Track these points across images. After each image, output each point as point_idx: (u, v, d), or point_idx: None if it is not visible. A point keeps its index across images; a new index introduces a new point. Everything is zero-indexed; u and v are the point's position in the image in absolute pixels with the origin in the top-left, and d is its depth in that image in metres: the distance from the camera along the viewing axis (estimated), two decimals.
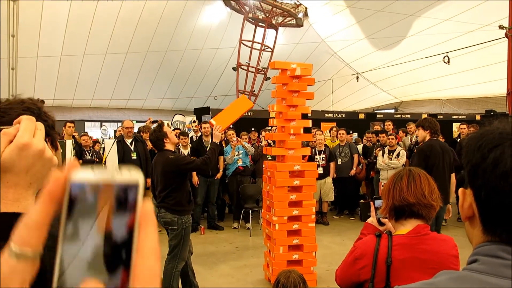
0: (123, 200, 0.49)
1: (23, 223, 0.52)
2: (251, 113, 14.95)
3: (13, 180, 0.82)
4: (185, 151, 9.36)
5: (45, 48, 19.66)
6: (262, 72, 23.94)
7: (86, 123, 22.82)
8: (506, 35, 13.75)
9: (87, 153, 9.72)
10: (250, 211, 9.24)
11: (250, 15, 23.84)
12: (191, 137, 12.26)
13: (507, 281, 0.82)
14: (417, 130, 7.18)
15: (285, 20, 25.03)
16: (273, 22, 24.46)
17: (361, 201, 10.33)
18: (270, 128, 9.67)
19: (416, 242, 2.09)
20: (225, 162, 9.65)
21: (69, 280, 0.46)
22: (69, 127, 9.42)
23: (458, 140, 10.67)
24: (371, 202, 2.44)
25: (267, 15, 24.02)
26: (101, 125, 22.28)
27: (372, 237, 2.20)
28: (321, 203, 9.86)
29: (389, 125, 11.00)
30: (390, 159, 9.22)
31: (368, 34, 23.94)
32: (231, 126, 10.98)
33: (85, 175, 0.49)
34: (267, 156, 7.92)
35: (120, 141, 8.45)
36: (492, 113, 17.54)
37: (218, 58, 25.61)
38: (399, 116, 17.63)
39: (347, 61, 27.36)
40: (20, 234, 0.52)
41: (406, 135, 11.15)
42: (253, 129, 11.24)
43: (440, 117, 16.98)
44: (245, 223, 9.44)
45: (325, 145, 10.05)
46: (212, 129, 9.45)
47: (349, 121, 14.42)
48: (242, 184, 9.48)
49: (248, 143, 10.02)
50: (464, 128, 10.16)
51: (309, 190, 6.13)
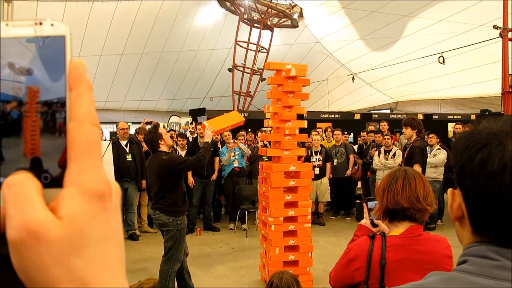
0: (47, 58, 0.42)
1: None
2: (247, 114, 14.96)
3: None
4: (182, 153, 9.34)
5: None
6: (258, 73, 23.97)
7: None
8: (501, 35, 13.82)
9: None
10: (246, 212, 9.24)
11: (245, 16, 23.87)
12: (187, 138, 12.26)
13: (496, 281, 0.82)
14: (405, 129, 7.20)
15: (280, 21, 25.07)
16: (269, 23, 24.50)
17: (357, 201, 10.34)
18: (265, 128, 9.67)
19: (410, 243, 2.09)
20: (221, 164, 9.63)
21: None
22: None
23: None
24: (364, 204, 2.43)
25: (263, 16, 24.05)
26: None
27: (365, 238, 2.20)
28: (317, 203, 9.87)
29: (384, 125, 11.01)
30: (386, 159, 9.23)
31: (363, 35, 24.00)
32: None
33: None
34: (263, 157, 7.92)
35: (115, 142, 8.43)
36: (487, 113, 17.60)
37: (213, 59, 25.61)
38: (395, 116, 17.65)
39: (343, 62, 27.41)
40: None
41: (401, 135, 11.16)
42: (249, 130, 11.23)
43: (435, 117, 17.02)
44: (241, 224, 9.43)
45: (321, 146, 10.05)
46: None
47: (345, 122, 14.43)
48: (238, 185, 9.47)
49: (245, 144, 10.01)
50: (459, 128, 10.18)
51: (305, 190, 6.12)
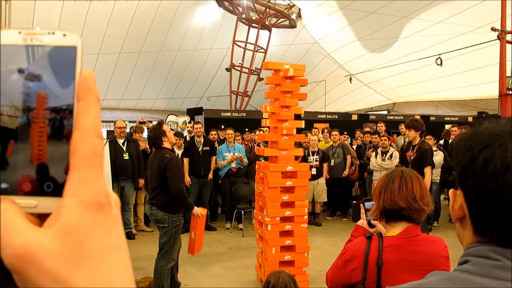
0: (58, 67, 0.43)
1: None
2: (244, 114, 14.98)
3: None
4: (179, 152, 9.33)
5: None
6: (256, 73, 23.98)
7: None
8: (498, 37, 13.84)
9: None
10: (242, 211, 9.24)
11: (243, 16, 23.87)
12: (185, 137, 12.25)
13: (498, 282, 0.83)
14: (408, 131, 7.19)
15: (278, 21, 25.08)
16: (267, 23, 24.51)
17: (354, 202, 10.33)
18: (263, 128, 9.67)
19: (407, 244, 2.09)
20: (217, 164, 9.59)
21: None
22: None
23: (450, 141, 10.71)
24: (361, 205, 2.43)
25: (261, 16, 24.06)
26: None
27: (362, 239, 2.20)
28: (313, 204, 9.87)
29: (381, 126, 11.03)
30: (383, 160, 9.24)
31: (361, 36, 24.02)
32: (222, 127, 10.99)
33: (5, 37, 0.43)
34: (260, 158, 7.92)
35: (112, 141, 8.41)
36: (484, 115, 17.65)
37: (211, 58, 25.59)
38: (392, 117, 17.69)
39: (340, 63, 27.43)
40: None
41: (398, 136, 11.19)
42: (246, 129, 11.24)
43: (432, 118, 17.07)
44: (238, 224, 9.43)
45: (318, 146, 10.06)
46: (203, 130, 9.47)
47: (342, 122, 14.45)
48: (235, 185, 9.47)
49: (242, 144, 10.01)
50: (455, 130, 10.20)
51: (302, 190, 6.13)
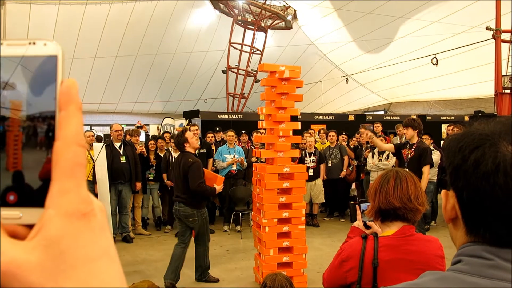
0: (37, 76, 0.43)
1: None
2: (241, 116, 14.98)
3: None
4: (175, 154, 9.31)
5: None
6: (252, 74, 23.99)
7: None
8: (494, 37, 13.90)
9: None
10: (240, 213, 9.23)
11: (239, 18, 23.90)
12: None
13: (491, 281, 0.83)
14: (406, 130, 7.21)
15: (274, 23, 25.11)
16: (262, 24, 24.53)
17: (351, 202, 10.35)
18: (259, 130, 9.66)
19: (402, 243, 2.10)
20: (214, 166, 9.57)
21: None
22: None
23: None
24: (357, 206, 2.44)
25: (256, 17, 24.08)
26: (90, 129, 22.16)
27: (358, 239, 2.20)
28: (311, 205, 9.87)
29: (378, 126, 11.04)
30: (380, 160, 9.25)
31: (357, 37, 24.06)
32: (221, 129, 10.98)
33: None
34: (257, 159, 7.91)
35: (108, 145, 8.40)
36: (480, 114, 17.69)
37: (207, 61, 25.61)
38: (389, 117, 17.72)
39: (337, 63, 27.48)
40: None
41: (394, 136, 11.20)
42: (243, 131, 11.23)
43: (429, 118, 17.08)
44: (236, 226, 9.42)
45: (315, 147, 10.06)
46: (200, 132, 9.46)
47: (339, 123, 14.46)
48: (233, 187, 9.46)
49: (238, 145, 10.00)
50: (451, 130, 10.23)
51: (299, 192, 6.12)
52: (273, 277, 3.05)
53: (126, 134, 9.38)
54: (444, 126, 15.37)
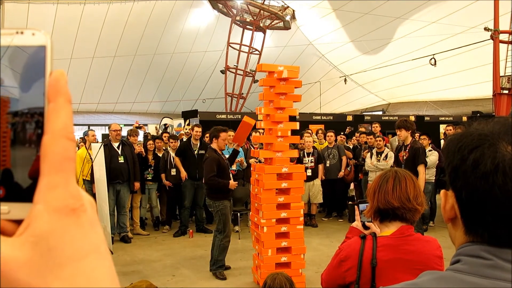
0: (25, 68, 0.41)
1: None
2: (239, 116, 14.97)
3: None
4: (173, 154, 9.32)
5: None
6: (250, 74, 23.99)
7: (74, 127, 22.65)
8: (492, 37, 13.90)
9: None
10: (238, 214, 9.23)
11: (237, 18, 23.90)
12: (181, 139, 12.22)
13: (489, 281, 0.83)
14: (399, 131, 7.22)
15: (272, 23, 25.12)
16: (261, 24, 24.53)
17: (350, 203, 10.36)
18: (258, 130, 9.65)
19: (401, 243, 2.10)
20: None
21: None
22: None
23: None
24: (356, 206, 2.44)
25: (255, 17, 24.08)
26: (89, 129, 22.12)
27: (356, 239, 2.20)
28: (309, 205, 9.88)
29: (376, 127, 11.04)
30: (378, 160, 9.25)
31: (355, 37, 24.07)
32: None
33: None
34: (256, 159, 7.91)
35: (107, 144, 8.39)
36: (478, 114, 17.72)
37: (206, 61, 25.60)
38: (387, 118, 17.73)
39: (335, 64, 27.48)
40: None
41: (393, 137, 11.20)
42: None
43: (427, 118, 17.11)
44: (234, 226, 9.40)
45: (313, 147, 10.06)
46: (200, 134, 9.44)
47: (337, 123, 14.46)
48: None
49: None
50: (450, 130, 10.24)
51: (297, 192, 6.12)
52: (273, 276, 3.07)
53: (127, 134, 9.39)
54: (442, 127, 15.39)
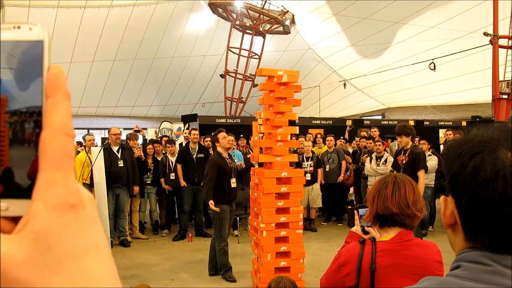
0: (23, 64, 0.40)
1: None
2: (239, 120, 14.99)
3: None
4: (172, 159, 9.32)
5: None
6: (250, 79, 24.00)
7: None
8: (491, 42, 13.95)
9: None
10: (238, 218, 9.21)
11: (237, 22, 23.93)
12: (181, 143, 12.21)
13: (490, 287, 0.83)
14: (400, 138, 7.22)
15: (272, 27, 25.16)
16: (261, 29, 24.57)
17: (349, 207, 10.35)
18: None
19: (400, 248, 2.10)
20: None
21: None
22: None
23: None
24: (355, 211, 2.43)
25: (255, 22, 24.12)
26: (88, 133, 22.08)
27: (356, 243, 2.20)
28: (309, 209, 9.87)
29: (375, 131, 11.04)
30: (378, 165, 9.26)
31: (354, 42, 24.12)
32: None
33: None
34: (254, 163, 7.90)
35: (106, 148, 8.39)
36: (477, 119, 17.73)
37: (205, 65, 25.63)
38: (386, 122, 17.75)
39: (334, 68, 27.52)
40: None
41: (392, 141, 11.21)
42: (241, 135, 11.23)
43: (426, 123, 17.12)
44: (233, 230, 9.39)
45: (312, 152, 10.07)
46: (198, 137, 9.45)
47: (337, 128, 14.47)
48: None
49: (237, 149, 10.00)
50: (450, 134, 10.24)
51: (297, 196, 6.12)
52: (278, 280, 3.09)
53: (127, 138, 9.39)
54: (441, 131, 15.40)
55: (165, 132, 15.43)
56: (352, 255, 2.15)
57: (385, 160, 9.23)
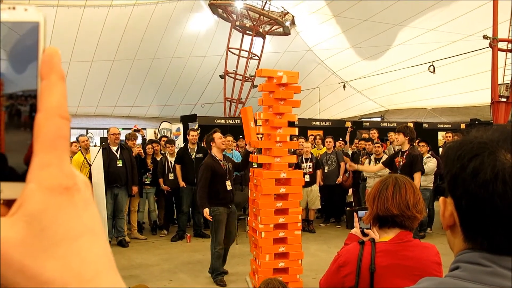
0: (18, 46, 0.40)
1: None
2: (238, 121, 14.97)
3: None
4: (172, 159, 9.32)
5: None
6: (249, 79, 24.00)
7: (72, 131, 22.59)
8: (490, 45, 13.96)
9: None
10: (236, 219, 9.20)
11: (237, 23, 23.93)
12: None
13: (489, 287, 0.84)
14: (397, 135, 7.25)
15: (272, 28, 25.16)
16: (261, 30, 24.57)
17: (348, 209, 10.35)
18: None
19: (399, 249, 2.10)
20: None
21: None
22: None
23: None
24: (355, 213, 2.44)
25: (255, 23, 24.13)
26: (87, 133, 22.06)
27: (355, 244, 2.20)
28: (307, 211, 9.87)
29: (374, 133, 11.05)
30: None
31: (354, 43, 24.13)
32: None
33: None
34: (253, 164, 7.90)
35: (105, 148, 8.39)
36: (476, 122, 17.74)
37: (205, 65, 25.62)
38: (385, 124, 17.74)
39: (334, 70, 27.53)
40: None
41: (390, 144, 11.23)
42: (240, 136, 11.22)
43: (425, 125, 17.12)
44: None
45: (311, 153, 10.08)
46: (196, 138, 9.45)
47: (336, 129, 14.46)
48: None
49: (236, 150, 10.00)
50: (450, 137, 10.26)
51: (295, 198, 6.11)
52: (266, 281, 3.08)
53: (126, 138, 9.38)
54: (440, 134, 15.41)
55: (164, 132, 15.41)
56: (351, 256, 2.15)
57: None
